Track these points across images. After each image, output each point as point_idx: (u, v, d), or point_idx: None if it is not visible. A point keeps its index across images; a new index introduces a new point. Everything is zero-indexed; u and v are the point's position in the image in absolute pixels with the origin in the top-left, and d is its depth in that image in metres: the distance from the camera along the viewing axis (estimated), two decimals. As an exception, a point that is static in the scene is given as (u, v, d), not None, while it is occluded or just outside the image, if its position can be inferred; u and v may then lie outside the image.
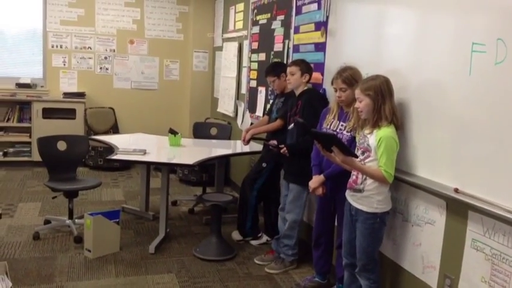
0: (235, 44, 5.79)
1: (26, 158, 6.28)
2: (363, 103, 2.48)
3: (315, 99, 3.31)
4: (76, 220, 4.06)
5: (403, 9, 2.79)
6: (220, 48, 6.49)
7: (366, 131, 2.53)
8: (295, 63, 3.45)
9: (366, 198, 2.50)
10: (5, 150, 6.28)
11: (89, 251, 3.58)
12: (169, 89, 7.07)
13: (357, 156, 2.48)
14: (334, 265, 3.15)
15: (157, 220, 4.15)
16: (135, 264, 3.52)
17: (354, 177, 2.57)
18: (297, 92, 3.43)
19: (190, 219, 4.60)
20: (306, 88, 3.41)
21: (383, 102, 2.45)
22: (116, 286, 3.16)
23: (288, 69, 3.45)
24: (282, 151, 3.33)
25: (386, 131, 2.43)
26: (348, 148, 2.47)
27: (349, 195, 2.62)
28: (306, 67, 3.41)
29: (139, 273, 3.37)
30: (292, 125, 3.38)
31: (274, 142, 3.46)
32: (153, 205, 4.71)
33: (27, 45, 6.58)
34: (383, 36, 2.93)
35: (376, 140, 2.43)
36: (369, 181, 2.48)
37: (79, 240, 3.80)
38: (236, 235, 4.08)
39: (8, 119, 6.32)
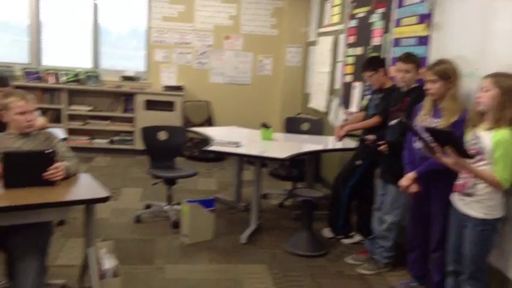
0: (330, 39, 5.72)
1: (129, 146, 6.72)
2: (488, 94, 2.29)
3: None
4: (174, 206, 4.27)
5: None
6: (314, 43, 6.45)
7: (481, 131, 2.35)
8: (411, 59, 3.17)
9: (477, 203, 2.34)
10: (111, 139, 6.77)
11: (186, 236, 3.75)
12: (261, 84, 7.17)
13: (472, 158, 2.31)
14: (430, 269, 3.00)
15: (249, 211, 4.24)
16: (228, 252, 3.62)
17: (463, 180, 2.41)
18: (405, 88, 3.25)
19: (280, 213, 4.63)
20: (416, 85, 3.19)
21: (510, 102, 2.25)
22: (210, 272, 3.28)
23: (402, 66, 3.18)
24: (380, 148, 3.22)
25: (504, 134, 2.23)
26: (464, 148, 2.30)
27: (457, 199, 2.47)
28: (419, 63, 3.19)
29: (231, 261, 3.47)
30: (395, 121, 3.24)
31: (373, 137, 3.36)
32: (244, 196, 4.81)
33: (131, 41, 7.02)
34: (494, 31, 2.72)
35: (492, 142, 2.26)
36: (481, 185, 2.31)
37: (176, 225, 3.99)
38: (327, 232, 4.04)
39: (114, 109, 6.79)
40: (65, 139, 3.63)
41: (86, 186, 2.64)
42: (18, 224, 2.39)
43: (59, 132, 3.74)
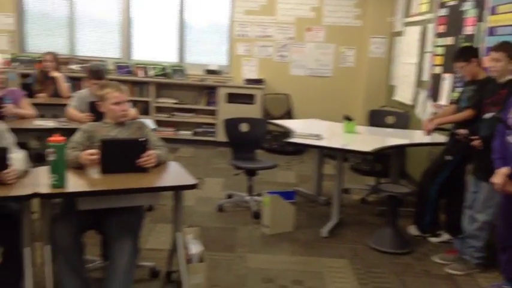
0: (418, 28, 5.47)
1: (211, 138, 6.91)
2: None
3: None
4: (254, 197, 4.32)
5: None
6: (400, 34, 6.21)
7: None
8: (502, 47, 3.02)
9: None
10: (195, 130, 7.01)
11: (267, 227, 3.78)
12: (343, 76, 7.04)
13: None
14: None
15: (329, 205, 4.19)
16: (309, 245, 3.60)
17: None
18: (501, 80, 3.05)
19: (362, 209, 4.53)
20: None
21: None
22: (291, 263, 3.29)
23: (493, 55, 3.04)
24: (473, 143, 3.03)
25: None
26: None
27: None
28: None
29: (312, 254, 3.45)
30: (490, 114, 3.03)
31: (465, 131, 3.17)
32: (324, 190, 4.76)
33: (213, 36, 7.19)
34: None
35: None
36: None
37: (257, 215, 4.04)
38: (413, 230, 3.88)
39: (198, 102, 7.01)
40: (154, 130, 3.80)
41: (174, 174, 2.75)
42: (114, 208, 2.54)
43: (149, 123, 3.93)
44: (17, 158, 2.43)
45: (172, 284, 2.92)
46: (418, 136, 4.36)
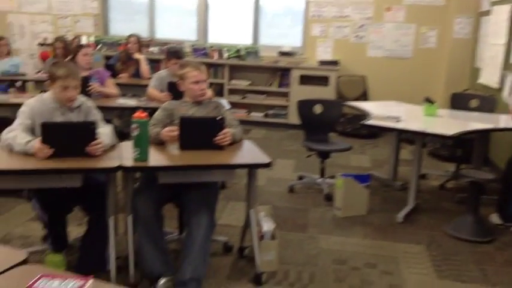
0: (507, 7, 5.07)
1: (282, 120, 6.92)
2: None
3: None
4: (327, 179, 4.29)
5: None
6: (486, 13, 5.80)
7: None
8: None
9: None
10: (266, 112, 7.05)
11: (339, 209, 3.75)
12: (423, 57, 6.73)
13: None
14: None
15: (405, 190, 4.06)
16: (383, 229, 3.52)
17: None
18: None
19: (440, 195, 4.34)
20: None
21: None
22: (364, 246, 3.24)
23: None
24: None
25: None
26: None
27: None
28: None
29: (386, 238, 3.37)
30: None
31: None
32: (400, 175, 4.62)
33: (288, 17, 7.14)
34: None
35: None
36: None
37: (329, 198, 4.01)
38: (495, 218, 3.67)
39: (270, 84, 7.03)
40: (229, 109, 3.87)
41: (249, 152, 2.79)
42: (192, 183, 2.63)
43: (225, 103, 4.00)
44: (104, 132, 2.58)
45: (244, 259, 2.99)
46: (504, 121, 4.09)
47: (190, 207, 2.63)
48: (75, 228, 3.01)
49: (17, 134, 2.44)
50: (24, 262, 1.43)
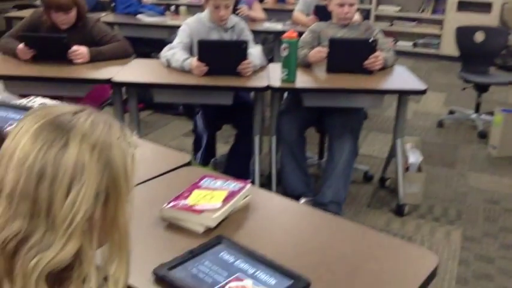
0: None
1: (433, 51, 6.37)
2: None
3: None
4: (482, 115, 3.91)
5: None
6: None
7: None
8: None
9: None
10: (415, 42, 6.53)
11: (494, 148, 3.41)
12: None
13: None
14: None
15: None
16: (546, 174, 3.15)
17: None
18: None
19: None
20: None
21: None
22: (520, 189, 2.94)
23: None
24: None
25: None
26: None
27: None
28: None
29: (550, 184, 3.02)
30: None
31: None
32: None
33: None
34: None
35: None
36: None
37: (483, 135, 3.68)
38: None
39: (422, 10, 6.45)
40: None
41: (401, 78, 2.62)
42: (336, 108, 2.58)
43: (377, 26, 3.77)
44: (254, 53, 2.62)
45: (385, 189, 2.92)
46: None
47: (334, 132, 2.60)
48: (222, 146, 3.20)
49: (176, 51, 2.60)
50: (188, 164, 1.55)
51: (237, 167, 2.75)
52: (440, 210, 2.71)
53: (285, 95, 3.07)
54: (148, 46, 4.04)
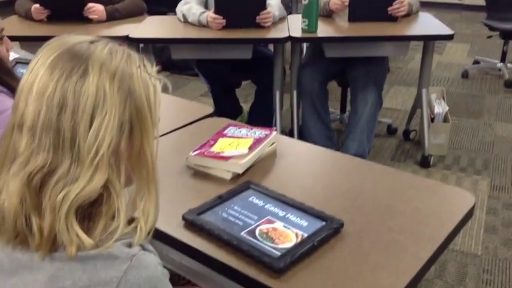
0: None
1: (455, 0, 6.13)
2: None
3: None
4: (508, 64, 3.77)
5: None
6: None
7: None
8: None
9: None
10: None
11: (523, 97, 3.31)
12: None
13: None
14: None
15: None
16: None
17: None
18: None
19: None
20: None
21: None
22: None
23: None
24: None
25: None
26: None
27: None
28: None
29: None
30: None
31: None
32: None
33: None
34: None
35: None
36: None
37: (509, 84, 3.57)
38: None
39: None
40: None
41: (426, 24, 2.52)
42: (359, 59, 2.50)
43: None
44: (273, 3, 2.53)
45: (409, 142, 2.87)
46: None
47: (357, 83, 2.53)
48: (242, 105, 3.15)
49: (191, 5, 2.53)
50: (211, 115, 1.52)
51: (258, 125, 2.71)
52: (466, 160, 2.65)
53: (304, 50, 3.00)
54: (160, 5, 3.95)
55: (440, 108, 2.67)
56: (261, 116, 2.73)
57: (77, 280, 0.62)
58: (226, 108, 2.84)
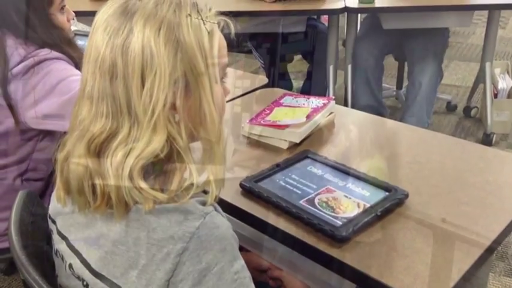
0: None
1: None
2: None
3: None
4: None
5: None
6: None
7: None
8: None
9: None
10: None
11: None
12: None
13: None
14: None
15: None
16: None
17: None
18: None
19: None
20: None
21: None
22: None
23: None
24: None
25: None
26: None
27: None
28: None
29: None
30: None
31: None
32: None
33: None
34: None
35: None
36: None
37: None
38: None
39: None
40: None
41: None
42: (417, 31, 2.38)
43: None
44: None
45: (470, 119, 2.73)
46: None
47: (415, 55, 2.41)
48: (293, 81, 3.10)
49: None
50: (266, 86, 1.49)
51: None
52: (532, 139, 2.50)
53: (359, 24, 2.89)
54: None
55: (504, 83, 2.52)
56: (313, 93, 2.67)
57: (151, 232, 0.62)
58: (278, 83, 2.79)
